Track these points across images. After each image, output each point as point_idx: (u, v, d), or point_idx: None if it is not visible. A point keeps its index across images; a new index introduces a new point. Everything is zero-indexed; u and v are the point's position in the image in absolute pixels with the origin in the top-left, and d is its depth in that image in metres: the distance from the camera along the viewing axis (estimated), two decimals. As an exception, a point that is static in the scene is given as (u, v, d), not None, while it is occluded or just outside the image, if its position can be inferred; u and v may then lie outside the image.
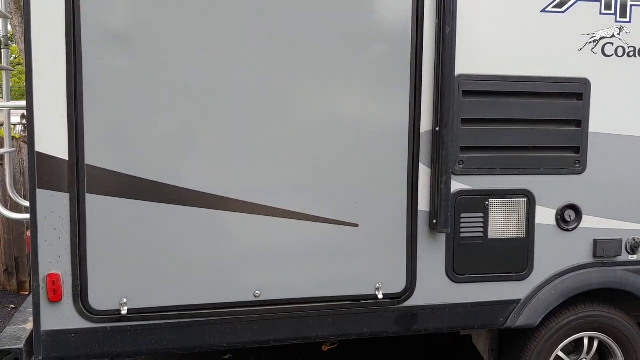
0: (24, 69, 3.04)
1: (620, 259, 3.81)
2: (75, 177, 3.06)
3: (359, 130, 3.39)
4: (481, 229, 3.59)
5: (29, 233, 3.20)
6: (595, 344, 3.97)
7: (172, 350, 3.34)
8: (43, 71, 3.00)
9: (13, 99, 4.26)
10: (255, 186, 3.29)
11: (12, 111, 4.24)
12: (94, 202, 3.10)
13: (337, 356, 5.22)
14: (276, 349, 5.15)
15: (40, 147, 3.03)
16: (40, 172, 3.04)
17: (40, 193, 3.06)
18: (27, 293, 7.02)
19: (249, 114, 3.24)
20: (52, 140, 3.03)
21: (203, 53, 3.16)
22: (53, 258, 3.10)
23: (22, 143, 6.86)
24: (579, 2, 3.56)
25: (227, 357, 5.31)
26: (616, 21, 3.62)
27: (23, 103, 3.19)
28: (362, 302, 3.49)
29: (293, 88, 3.29)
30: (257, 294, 3.35)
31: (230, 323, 3.35)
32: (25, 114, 3.05)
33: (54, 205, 3.07)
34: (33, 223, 3.07)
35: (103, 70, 3.05)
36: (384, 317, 3.53)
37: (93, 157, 3.08)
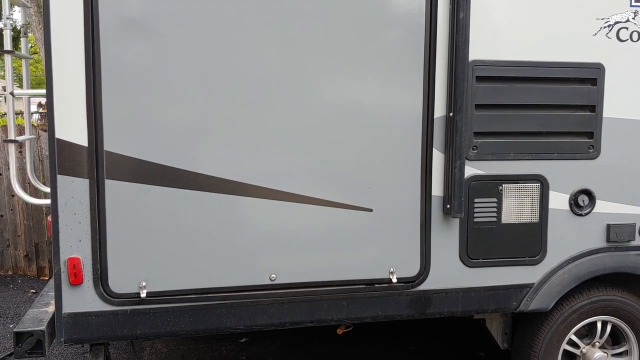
0: (44, 56, 3.09)
1: (633, 243, 3.81)
2: (95, 163, 3.12)
3: (373, 115, 3.42)
4: (495, 214, 3.61)
5: (49, 218, 3.27)
6: (609, 327, 3.99)
7: (189, 333, 3.41)
8: (62, 59, 3.05)
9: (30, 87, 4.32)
10: (271, 171, 3.34)
11: (31, 99, 4.30)
12: (113, 188, 3.16)
13: (352, 339, 5.28)
14: (292, 333, 5.23)
15: (60, 134, 3.08)
16: (61, 158, 3.10)
17: (60, 179, 3.12)
18: (47, 278, 7.14)
19: (264, 100, 3.27)
20: (72, 127, 3.09)
21: (218, 40, 3.19)
22: (74, 242, 3.17)
23: (40, 130, 6.96)
24: (593, -13, 3.56)
25: (243, 340, 5.39)
26: (631, 5, 3.61)
27: (43, 91, 3.25)
28: (377, 285, 3.53)
29: (308, 74, 3.32)
30: (272, 277, 3.40)
31: (246, 306, 3.41)
32: (43, 102, 3.11)
33: (74, 191, 3.13)
34: (54, 208, 3.14)
35: (121, 57, 3.10)
36: (398, 300, 3.58)
37: (112, 143, 3.13)
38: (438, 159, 3.50)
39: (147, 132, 3.18)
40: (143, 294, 3.24)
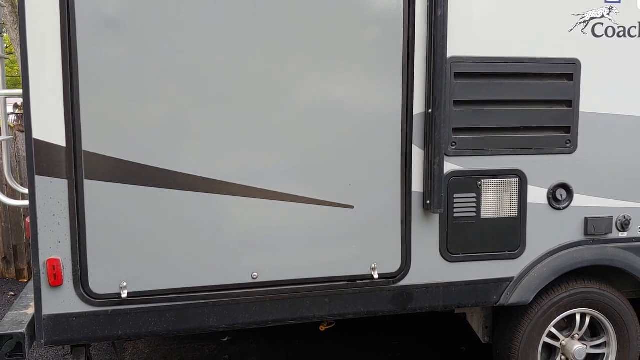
0: (19, 57, 3.06)
1: (610, 236, 3.87)
2: (73, 163, 3.10)
3: (353, 113, 3.43)
4: (474, 209, 3.64)
5: (28, 219, 3.24)
6: (587, 320, 4.04)
7: (171, 333, 3.40)
8: (38, 59, 3.02)
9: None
10: (251, 170, 3.33)
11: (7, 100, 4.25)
12: (92, 188, 3.14)
13: (334, 336, 5.30)
14: (274, 331, 5.23)
15: (38, 134, 3.06)
16: (38, 159, 3.07)
17: (38, 180, 3.09)
18: (25, 281, 7.06)
19: (243, 98, 3.27)
20: (49, 128, 3.06)
21: (197, 38, 3.18)
22: (53, 243, 3.14)
23: (17, 131, 6.87)
24: (568, -17, 3.60)
25: (226, 339, 5.37)
26: (606, 1, 3.66)
27: (19, 91, 3.21)
28: (358, 282, 3.54)
29: (286, 71, 3.32)
30: (254, 275, 3.40)
31: (228, 305, 3.40)
32: (19, 103, 3.07)
33: (52, 192, 3.10)
34: (32, 209, 3.11)
35: (98, 56, 3.08)
36: (380, 296, 3.59)
37: (90, 143, 3.11)
38: (418, 155, 3.52)
39: (126, 131, 3.16)
40: (124, 295, 3.22)
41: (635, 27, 3.71)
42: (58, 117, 3.06)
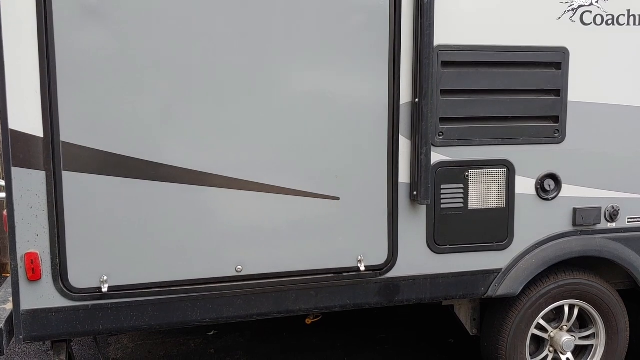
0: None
1: (599, 227, 3.84)
2: (51, 154, 3.02)
3: (339, 103, 3.37)
4: (461, 200, 3.60)
5: (5, 212, 3.16)
6: (576, 311, 4.02)
7: (154, 327, 3.34)
8: (14, 47, 2.93)
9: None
10: (235, 161, 3.27)
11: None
12: (70, 180, 3.06)
13: (321, 329, 5.26)
14: (260, 324, 5.18)
15: (14, 124, 2.97)
16: (15, 150, 2.99)
17: (15, 171, 3.01)
18: (7, 275, 6.96)
19: (227, 88, 3.20)
20: (26, 118, 2.98)
21: (179, 27, 3.11)
22: (31, 237, 3.07)
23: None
24: (557, -30, 3.55)
25: (212, 333, 5.32)
26: (594, -11, 3.62)
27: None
28: (345, 274, 3.50)
29: (271, 61, 3.26)
30: (239, 269, 3.34)
31: (212, 299, 3.34)
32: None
33: (30, 184, 3.03)
34: (9, 202, 3.03)
35: (77, 45, 2.99)
36: (366, 289, 3.55)
37: (69, 134, 3.03)
38: (404, 145, 3.47)
39: (105, 122, 3.08)
40: (104, 289, 3.16)
41: (624, 15, 3.66)
42: (35, 107, 2.98)
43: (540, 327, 4.00)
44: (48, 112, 2.99)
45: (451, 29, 3.43)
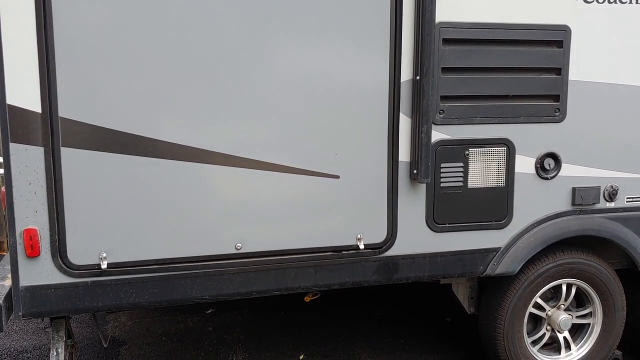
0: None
1: (598, 206, 3.84)
2: (49, 130, 2.99)
3: (339, 80, 3.34)
4: (461, 179, 3.59)
5: (3, 189, 3.14)
6: (573, 290, 4.03)
7: (153, 304, 3.34)
8: (11, 21, 2.89)
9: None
10: (235, 138, 3.25)
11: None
12: (69, 156, 3.04)
13: (319, 307, 5.27)
14: (259, 302, 5.19)
15: (12, 99, 2.93)
16: (13, 125, 2.95)
17: (13, 147, 2.98)
18: (5, 253, 6.95)
19: (227, 66, 3.17)
20: (24, 93, 2.94)
21: (179, 3, 3.06)
22: (29, 213, 3.04)
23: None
24: (560, -53, 3.51)
25: (209, 311, 5.33)
26: (597, -34, 3.59)
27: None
28: (344, 252, 3.50)
29: (271, 39, 3.22)
30: (238, 246, 3.34)
31: (212, 276, 3.34)
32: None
33: (28, 160, 3.00)
34: (7, 178, 3.00)
35: (75, 19, 2.95)
36: (366, 267, 3.55)
37: (67, 109, 3.00)
38: (405, 123, 3.45)
39: (104, 97, 3.05)
40: (104, 265, 3.15)
41: (626, -8, 3.64)
42: (33, 81, 2.94)
43: (538, 306, 4.02)
44: (46, 88, 2.95)
45: (453, 6, 3.40)
